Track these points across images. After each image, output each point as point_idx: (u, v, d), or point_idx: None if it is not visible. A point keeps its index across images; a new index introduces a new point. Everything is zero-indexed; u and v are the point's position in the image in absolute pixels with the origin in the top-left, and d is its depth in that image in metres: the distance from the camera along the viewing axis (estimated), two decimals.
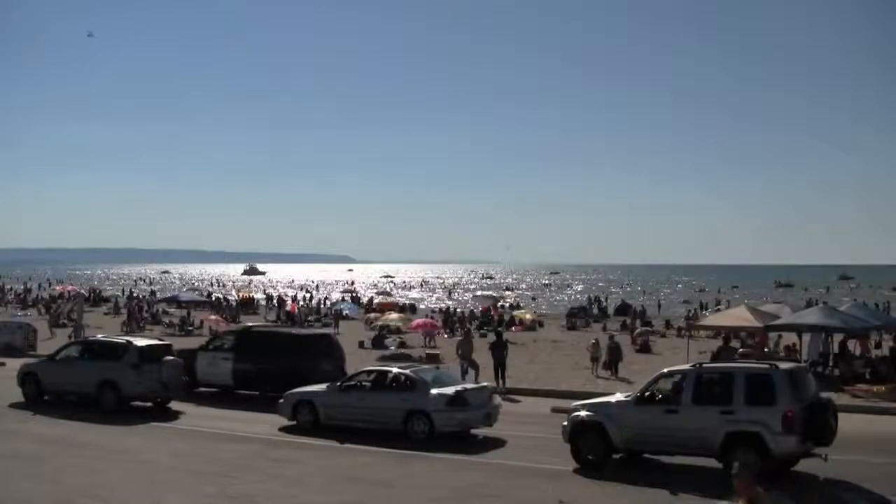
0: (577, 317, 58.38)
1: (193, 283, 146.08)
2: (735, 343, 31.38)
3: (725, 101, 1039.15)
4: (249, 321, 56.56)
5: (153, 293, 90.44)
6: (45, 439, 17.87)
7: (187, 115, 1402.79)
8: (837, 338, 29.83)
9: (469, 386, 19.76)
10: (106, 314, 61.63)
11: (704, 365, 16.92)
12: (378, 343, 39.81)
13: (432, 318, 52.05)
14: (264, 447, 17.39)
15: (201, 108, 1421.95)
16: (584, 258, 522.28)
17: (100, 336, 28.18)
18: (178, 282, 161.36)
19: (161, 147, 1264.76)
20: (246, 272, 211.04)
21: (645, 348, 38.20)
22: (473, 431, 18.80)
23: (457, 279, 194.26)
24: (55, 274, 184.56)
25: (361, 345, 39.72)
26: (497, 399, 20.49)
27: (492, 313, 58.38)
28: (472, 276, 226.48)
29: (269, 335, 26.37)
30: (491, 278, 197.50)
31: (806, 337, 29.38)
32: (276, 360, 23.59)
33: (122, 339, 24.66)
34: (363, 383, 19.76)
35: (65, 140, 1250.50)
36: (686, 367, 16.65)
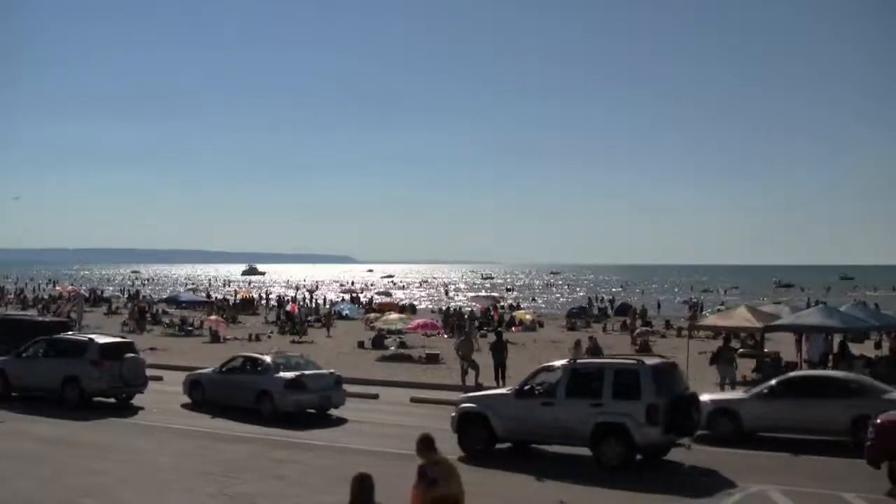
0: (577, 317, 58.39)
1: (183, 285, 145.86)
2: (735, 343, 31.42)
3: (725, 102, 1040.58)
4: (249, 321, 56.72)
5: (137, 294, 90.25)
6: (45, 439, 17.88)
7: (187, 115, 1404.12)
8: (837, 338, 29.87)
9: (309, 372, 21.72)
10: (106, 314, 61.71)
11: (578, 360, 17.95)
12: (378, 343, 39.80)
13: (432, 318, 52.05)
14: (264, 447, 17.39)
15: (201, 108, 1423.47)
16: (584, 258, 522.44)
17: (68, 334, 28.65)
18: (147, 282, 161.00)
19: (161, 147, 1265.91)
20: (246, 272, 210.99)
21: (645, 348, 38.21)
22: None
23: (455, 279, 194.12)
24: (53, 274, 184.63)
25: (361, 345, 39.71)
26: (342, 386, 22.22)
27: (492, 314, 58.35)
28: (472, 276, 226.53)
29: (13, 322, 29.00)
30: (491, 278, 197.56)
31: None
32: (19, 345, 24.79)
33: (85, 336, 25.11)
34: (235, 368, 22.84)
35: (65, 140, 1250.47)
36: (562, 362, 17.65)
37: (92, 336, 24.85)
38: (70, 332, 26.73)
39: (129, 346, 23.92)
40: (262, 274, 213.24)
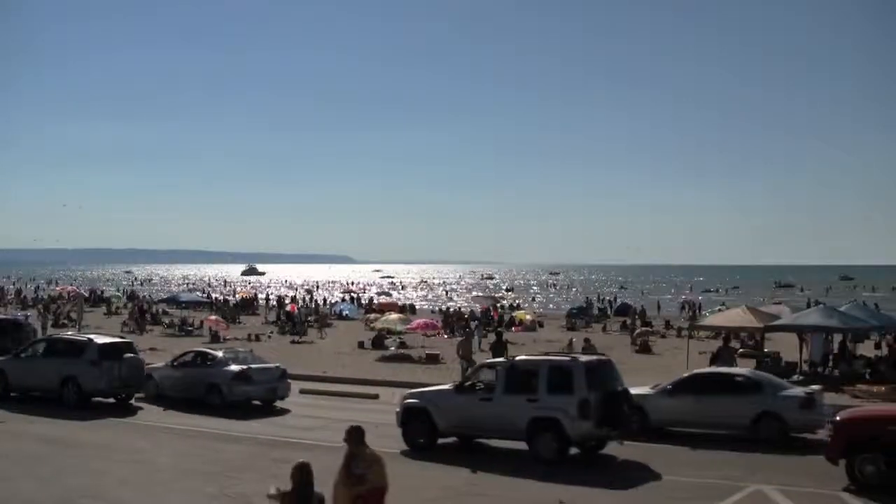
0: (577, 317, 58.39)
1: (176, 284, 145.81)
2: (735, 343, 31.39)
3: (725, 101, 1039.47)
4: (249, 321, 56.70)
5: (133, 294, 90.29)
6: (45, 439, 17.89)
7: (187, 115, 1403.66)
8: (837, 338, 29.87)
9: (255, 365, 23.15)
10: (105, 315, 61.71)
11: (517, 358, 18.46)
12: (378, 343, 39.79)
13: (432, 318, 52.04)
14: (264, 447, 17.40)
15: (201, 108, 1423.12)
16: (584, 258, 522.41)
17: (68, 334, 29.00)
18: (142, 282, 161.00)
19: (161, 147, 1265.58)
20: (245, 272, 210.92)
21: (645, 349, 38.22)
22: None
23: (452, 280, 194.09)
24: (49, 274, 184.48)
25: (361, 345, 39.70)
26: (287, 379, 23.64)
27: (491, 314, 58.34)
28: (472, 276, 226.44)
29: None
30: (491, 278, 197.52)
31: (807, 337, 29.39)
32: None
33: (84, 336, 25.19)
34: (187, 362, 24.00)
35: (65, 140, 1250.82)
36: (500, 359, 18.67)
37: (91, 336, 24.91)
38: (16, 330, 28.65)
39: (127, 346, 24.03)
40: (262, 274, 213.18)
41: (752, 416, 17.82)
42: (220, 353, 24.06)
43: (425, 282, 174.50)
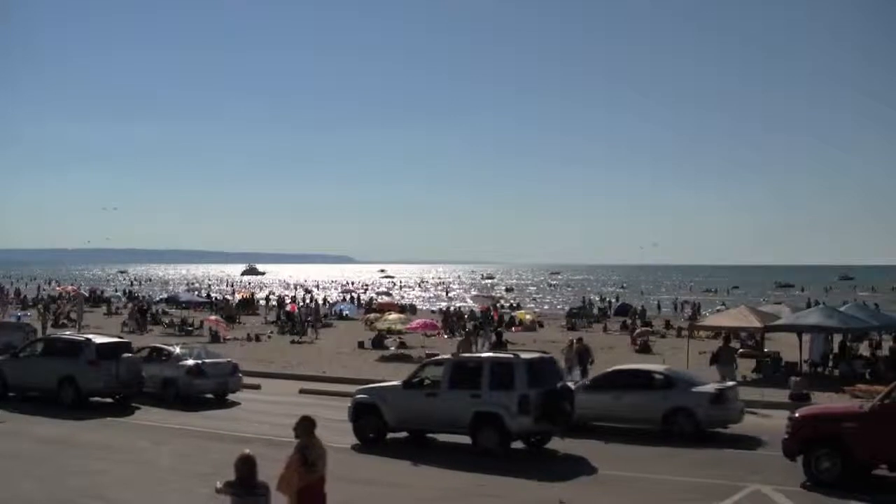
0: (578, 317, 58.38)
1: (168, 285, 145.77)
2: (735, 343, 31.40)
3: (725, 102, 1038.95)
4: (249, 321, 56.69)
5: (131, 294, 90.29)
6: (45, 439, 17.91)
7: (187, 115, 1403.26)
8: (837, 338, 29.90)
9: (208, 360, 24.29)
10: (106, 315, 61.71)
11: (462, 355, 19.25)
12: (378, 343, 39.80)
13: (432, 318, 52.06)
14: (264, 447, 17.36)
15: (201, 107, 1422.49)
16: (584, 258, 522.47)
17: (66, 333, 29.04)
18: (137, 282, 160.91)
19: (161, 147, 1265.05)
20: (245, 272, 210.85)
21: (645, 349, 38.23)
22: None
23: (451, 280, 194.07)
24: (49, 274, 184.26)
25: (361, 345, 39.70)
26: (238, 374, 24.91)
27: (491, 314, 58.33)
28: (472, 276, 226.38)
29: None
30: (491, 278, 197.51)
31: (806, 337, 29.43)
32: None
33: (82, 336, 25.38)
34: (143, 357, 24.58)
35: (65, 140, 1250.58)
36: (446, 356, 19.38)
37: (89, 336, 25.01)
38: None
39: (125, 346, 24.16)
40: (262, 274, 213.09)
41: (664, 411, 18.52)
42: (174, 349, 25.17)
43: (425, 281, 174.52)
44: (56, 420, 20.35)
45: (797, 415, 14.99)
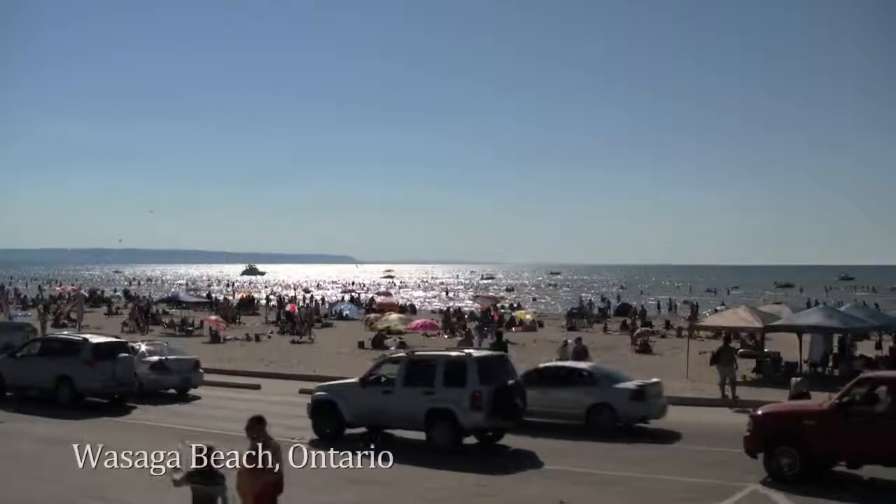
0: (578, 317, 58.38)
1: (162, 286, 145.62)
2: (735, 343, 31.39)
3: (725, 102, 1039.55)
4: (249, 321, 56.69)
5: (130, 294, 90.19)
6: (45, 439, 17.92)
7: (187, 115, 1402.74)
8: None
9: (171, 357, 25.31)
10: (106, 315, 61.70)
11: (416, 353, 20.06)
12: (378, 343, 39.81)
13: (432, 319, 52.05)
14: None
15: (201, 107, 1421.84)
16: (584, 258, 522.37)
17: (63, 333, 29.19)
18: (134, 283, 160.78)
19: (161, 147, 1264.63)
20: (246, 272, 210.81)
21: (645, 349, 38.22)
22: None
23: (451, 280, 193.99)
24: (47, 274, 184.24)
25: (361, 345, 39.71)
26: (200, 370, 25.95)
27: (492, 314, 58.30)
28: (471, 276, 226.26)
29: None
30: (491, 278, 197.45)
31: (807, 337, 29.42)
32: None
33: (79, 336, 25.65)
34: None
35: (65, 140, 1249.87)
36: (401, 354, 20.30)
37: (86, 336, 25.20)
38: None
39: (122, 345, 24.31)
40: (262, 274, 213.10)
41: (587, 406, 19.39)
42: (139, 346, 26.08)
43: (425, 282, 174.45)
44: (55, 420, 20.38)
45: (759, 412, 15.28)
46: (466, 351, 19.00)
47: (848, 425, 13.90)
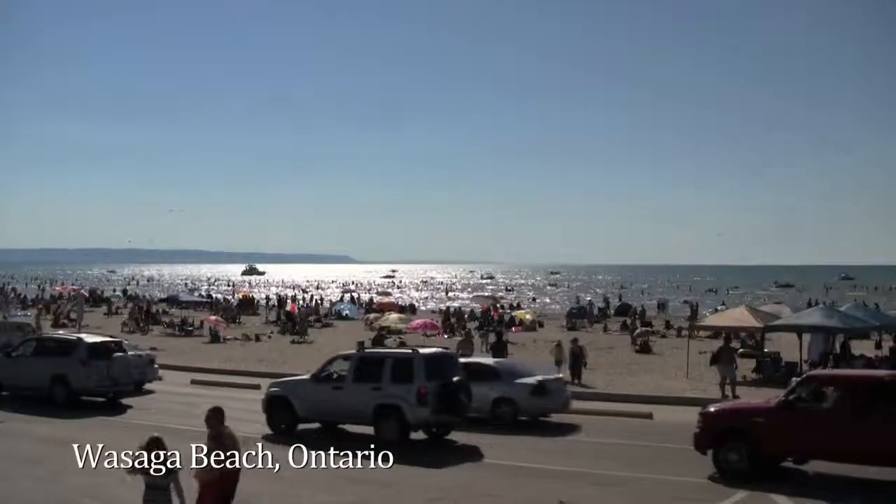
0: (578, 317, 58.38)
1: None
2: (735, 343, 31.39)
3: (725, 101, 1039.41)
4: (249, 321, 56.69)
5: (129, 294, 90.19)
6: (45, 439, 17.90)
7: (187, 115, 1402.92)
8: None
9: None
10: (106, 315, 61.67)
11: (366, 350, 20.66)
12: (378, 343, 39.74)
13: (432, 318, 52.03)
14: (264, 448, 17.37)
15: (201, 108, 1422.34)
16: (584, 258, 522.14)
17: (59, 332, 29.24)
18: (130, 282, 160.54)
19: (160, 147, 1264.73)
20: (246, 272, 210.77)
21: (645, 349, 38.22)
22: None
23: (454, 279, 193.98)
24: (44, 274, 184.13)
25: (361, 345, 39.65)
26: (155, 367, 26.57)
27: (492, 313, 58.31)
28: (471, 275, 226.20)
29: None
30: (491, 278, 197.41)
31: (807, 337, 29.41)
32: None
33: (74, 335, 25.63)
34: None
35: (65, 140, 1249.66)
36: (351, 351, 20.80)
37: (80, 336, 25.27)
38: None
39: (117, 345, 24.34)
40: (262, 274, 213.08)
41: (491, 400, 20.01)
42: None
43: (425, 282, 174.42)
44: (55, 420, 20.36)
45: (712, 409, 15.69)
46: (414, 348, 19.53)
47: (794, 422, 14.31)
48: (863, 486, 14.05)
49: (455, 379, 17.97)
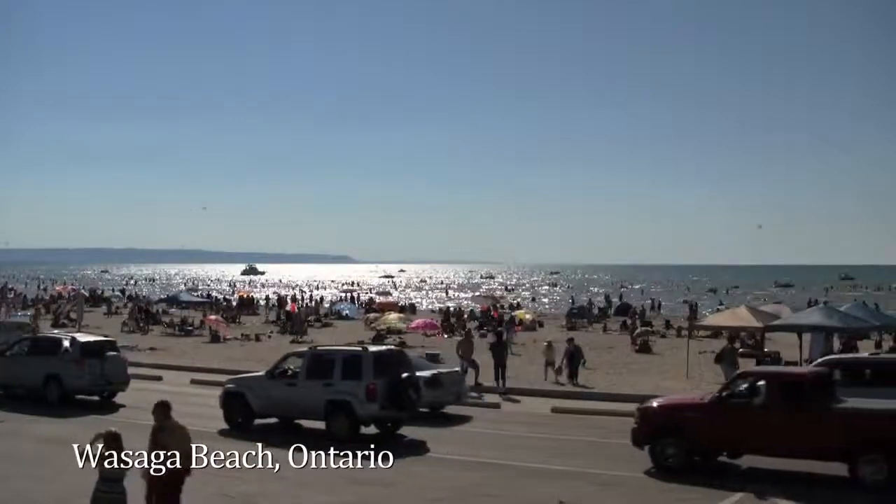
0: (578, 317, 58.37)
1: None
2: (735, 343, 31.36)
3: (725, 102, 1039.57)
4: (249, 321, 56.68)
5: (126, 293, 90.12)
6: (44, 439, 17.91)
7: (187, 115, 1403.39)
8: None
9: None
10: (105, 315, 61.66)
11: (318, 348, 21.01)
12: (378, 343, 39.75)
13: (432, 318, 52.02)
14: (263, 448, 17.36)
15: (201, 107, 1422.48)
16: (584, 258, 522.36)
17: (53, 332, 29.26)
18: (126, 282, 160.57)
19: (160, 147, 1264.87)
20: (245, 272, 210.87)
21: (645, 348, 38.22)
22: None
23: (453, 279, 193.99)
24: (42, 274, 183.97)
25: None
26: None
27: (492, 313, 58.29)
28: (471, 275, 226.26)
29: None
30: (491, 278, 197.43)
31: (807, 337, 29.38)
32: None
33: (67, 334, 25.69)
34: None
35: (65, 140, 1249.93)
36: (304, 349, 21.14)
37: (74, 335, 25.31)
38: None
39: (111, 344, 24.40)
40: (262, 273, 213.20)
41: None
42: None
43: (424, 282, 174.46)
44: (55, 419, 20.36)
45: (645, 405, 15.99)
46: (364, 345, 19.92)
47: (728, 417, 14.68)
48: (800, 481, 14.24)
49: (404, 376, 18.35)
